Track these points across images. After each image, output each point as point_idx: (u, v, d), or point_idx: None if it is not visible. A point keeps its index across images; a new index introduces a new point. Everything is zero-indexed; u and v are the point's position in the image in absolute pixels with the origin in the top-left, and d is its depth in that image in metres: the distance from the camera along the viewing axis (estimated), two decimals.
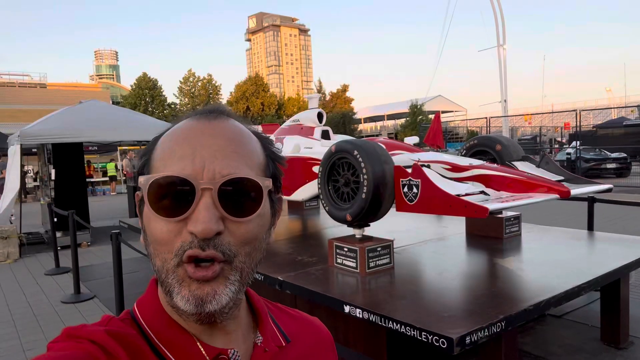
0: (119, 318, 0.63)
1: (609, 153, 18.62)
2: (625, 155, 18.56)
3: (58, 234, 7.54)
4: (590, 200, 4.52)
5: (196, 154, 0.57)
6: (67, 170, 8.62)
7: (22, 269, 7.14)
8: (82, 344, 0.56)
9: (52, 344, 0.57)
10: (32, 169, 17.60)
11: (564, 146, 22.86)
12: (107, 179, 20.86)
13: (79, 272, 5.60)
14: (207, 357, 0.59)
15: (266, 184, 0.60)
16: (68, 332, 0.59)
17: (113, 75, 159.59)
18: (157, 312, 0.62)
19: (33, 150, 11.02)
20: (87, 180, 15.66)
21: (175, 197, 0.56)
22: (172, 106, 48.00)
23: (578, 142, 18.20)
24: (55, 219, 7.17)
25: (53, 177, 8.45)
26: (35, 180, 17.08)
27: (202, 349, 0.60)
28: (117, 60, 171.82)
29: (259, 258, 0.62)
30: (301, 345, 0.72)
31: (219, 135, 0.60)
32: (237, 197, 0.57)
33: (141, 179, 0.58)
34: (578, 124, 18.80)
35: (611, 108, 31.68)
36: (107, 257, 7.44)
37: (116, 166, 20.89)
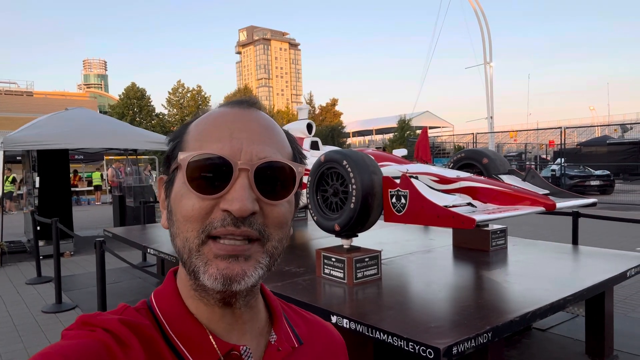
0: (135, 307, 0.63)
1: (592, 170, 18.94)
2: (609, 172, 18.92)
3: (41, 243, 7.41)
4: (575, 215, 4.58)
5: (234, 135, 0.59)
6: (52, 178, 8.49)
7: (3, 277, 6.97)
8: (96, 332, 0.56)
9: (66, 331, 0.57)
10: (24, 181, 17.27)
11: (549, 163, 23.15)
12: (92, 188, 20.59)
13: (60, 282, 5.49)
14: (219, 352, 0.59)
15: (300, 170, 0.61)
16: (83, 319, 0.59)
17: (101, 84, 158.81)
18: (173, 303, 0.63)
19: (17, 158, 10.86)
20: (72, 189, 15.46)
21: (212, 175, 0.57)
22: (160, 117, 47.63)
23: (563, 159, 18.49)
24: (38, 227, 7.05)
25: (37, 185, 8.33)
26: (19, 188, 16.76)
27: (214, 343, 0.60)
28: (106, 70, 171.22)
29: (284, 247, 0.64)
30: (313, 348, 0.71)
31: (254, 121, 0.62)
32: (272, 180, 0.59)
33: (181, 155, 0.59)
34: (562, 141, 19.09)
35: (595, 126, 32.22)
36: (90, 267, 7.32)
37: (102, 176, 20.67)
